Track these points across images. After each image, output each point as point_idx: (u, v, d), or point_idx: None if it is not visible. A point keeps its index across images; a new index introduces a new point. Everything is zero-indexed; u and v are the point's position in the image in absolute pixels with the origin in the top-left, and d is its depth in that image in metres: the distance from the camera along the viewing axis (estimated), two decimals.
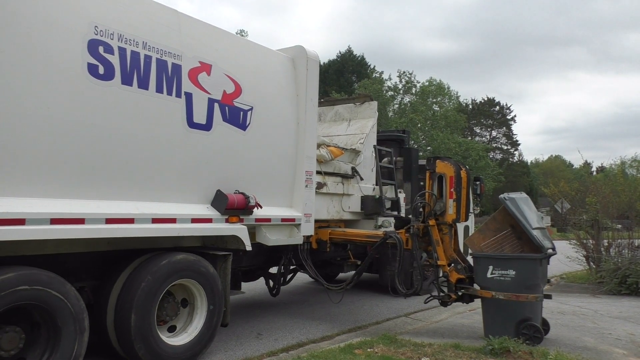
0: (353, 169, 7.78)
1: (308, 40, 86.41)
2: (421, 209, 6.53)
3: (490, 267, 5.75)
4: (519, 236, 5.76)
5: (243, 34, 35.50)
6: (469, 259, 6.46)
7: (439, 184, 6.59)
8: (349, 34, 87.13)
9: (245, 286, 6.86)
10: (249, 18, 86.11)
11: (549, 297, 5.96)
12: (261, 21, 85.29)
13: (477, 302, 8.55)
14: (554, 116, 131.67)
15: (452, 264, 6.32)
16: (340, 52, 46.70)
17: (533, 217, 5.91)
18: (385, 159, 8.58)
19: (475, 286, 6.10)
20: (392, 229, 7.93)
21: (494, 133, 56.14)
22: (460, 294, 6.26)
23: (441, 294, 6.38)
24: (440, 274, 6.42)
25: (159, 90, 4.66)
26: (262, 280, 7.47)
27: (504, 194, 6.09)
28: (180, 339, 4.92)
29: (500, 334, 5.51)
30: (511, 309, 5.63)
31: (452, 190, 6.44)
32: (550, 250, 5.80)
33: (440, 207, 6.43)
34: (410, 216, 6.86)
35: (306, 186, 6.21)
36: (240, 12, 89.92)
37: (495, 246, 5.86)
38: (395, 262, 6.53)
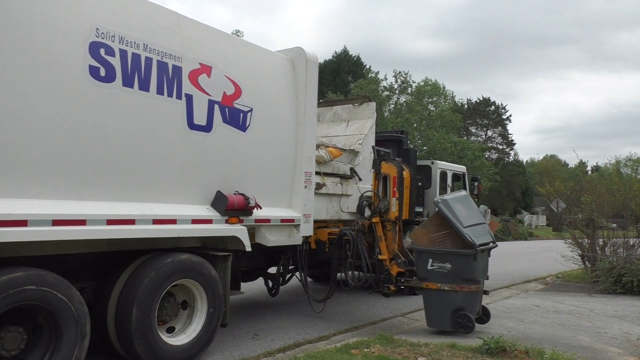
0: (352, 169, 7.81)
1: (299, 41, 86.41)
2: (367, 207, 7.05)
3: (430, 260, 6.22)
4: None
5: (239, 34, 35.45)
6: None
7: (383, 184, 7.09)
8: (341, 34, 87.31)
9: (242, 286, 6.89)
10: (241, 19, 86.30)
11: (486, 293, 6.57)
12: (252, 22, 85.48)
13: None
14: (547, 116, 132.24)
15: (394, 259, 6.80)
16: (335, 53, 46.75)
17: (468, 215, 6.39)
18: None
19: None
20: None
21: (489, 133, 56.24)
22: (401, 287, 6.77)
23: (384, 285, 6.82)
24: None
25: (160, 92, 4.68)
26: (258, 280, 7.50)
27: (438, 197, 6.74)
28: (178, 340, 4.95)
29: (438, 322, 6.20)
30: (446, 299, 6.11)
31: (394, 189, 6.99)
32: (491, 244, 6.45)
33: (384, 205, 6.96)
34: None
35: (305, 187, 6.24)
36: (232, 13, 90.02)
37: (440, 241, 6.31)
38: (347, 257, 6.89)
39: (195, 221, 4.96)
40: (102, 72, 4.22)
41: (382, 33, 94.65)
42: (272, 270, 7.31)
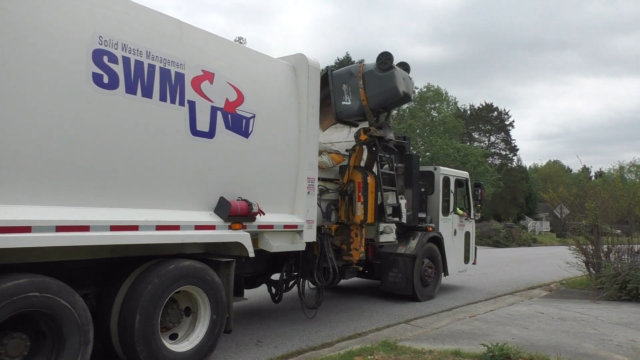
0: None
1: (295, 47, 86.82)
2: (333, 212, 7.33)
3: None
4: None
5: (241, 41, 35.58)
6: None
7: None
8: (335, 40, 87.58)
9: (245, 293, 6.88)
10: (235, 25, 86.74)
11: None
12: (247, 28, 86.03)
13: (476, 309, 8.54)
14: (547, 121, 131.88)
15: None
16: (338, 59, 46.83)
17: None
18: (386, 166, 8.62)
19: None
20: (393, 235, 8.02)
21: (492, 138, 56.21)
22: None
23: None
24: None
25: (163, 98, 4.70)
26: (262, 286, 7.48)
27: None
28: (181, 346, 4.94)
29: None
30: None
31: (359, 194, 7.27)
32: None
33: (350, 187, 7.26)
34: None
35: (308, 193, 6.24)
36: (226, 20, 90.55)
37: None
38: (314, 259, 7.07)
39: (198, 227, 4.96)
40: (106, 79, 4.24)
41: (378, 39, 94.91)
42: (275, 276, 7.30)
